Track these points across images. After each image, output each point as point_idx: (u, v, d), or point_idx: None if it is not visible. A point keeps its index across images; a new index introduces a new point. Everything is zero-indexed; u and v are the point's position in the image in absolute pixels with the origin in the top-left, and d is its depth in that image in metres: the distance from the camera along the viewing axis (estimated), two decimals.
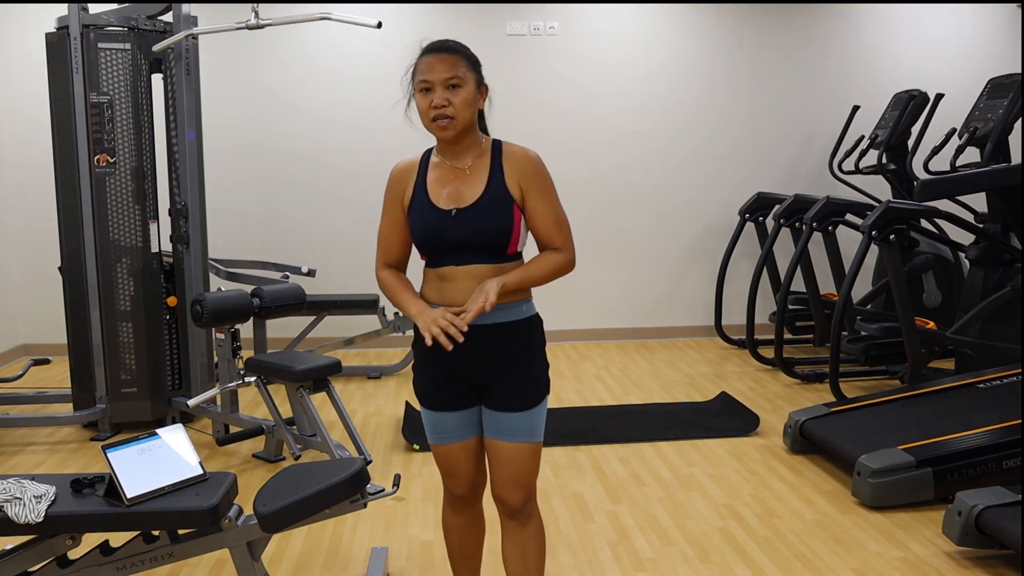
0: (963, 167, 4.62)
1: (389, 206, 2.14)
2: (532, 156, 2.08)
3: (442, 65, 1.97)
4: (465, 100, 1.98)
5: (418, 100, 2.02)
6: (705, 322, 6.53)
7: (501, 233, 2.02)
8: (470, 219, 2.01)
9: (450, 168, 2.07)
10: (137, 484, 2.21)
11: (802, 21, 6.38)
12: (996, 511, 2.75)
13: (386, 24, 5.91)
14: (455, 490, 2.25)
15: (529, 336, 2.11)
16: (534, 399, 2.10)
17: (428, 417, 2.18)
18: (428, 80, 1.98)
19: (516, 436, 2.10)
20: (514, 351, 2.08)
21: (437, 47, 2.01)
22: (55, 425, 4.31)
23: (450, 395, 2.13)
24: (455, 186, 2.04)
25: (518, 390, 2.09)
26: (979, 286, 4.50)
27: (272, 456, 3.91)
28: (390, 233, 2.16)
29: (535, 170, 2.06)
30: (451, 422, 2.15)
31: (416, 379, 2.20)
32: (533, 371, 2.11)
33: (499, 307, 2.03)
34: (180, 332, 4.41)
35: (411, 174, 2.10)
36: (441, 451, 2.20)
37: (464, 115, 1.99)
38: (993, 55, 6.51)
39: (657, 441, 4.14)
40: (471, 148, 2.07)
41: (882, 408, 3.89)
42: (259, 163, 6.10)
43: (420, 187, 2.07)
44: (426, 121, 2.02)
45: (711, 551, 2.98)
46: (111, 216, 4.19)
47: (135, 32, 4.18)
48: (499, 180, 2.04)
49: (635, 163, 6.37)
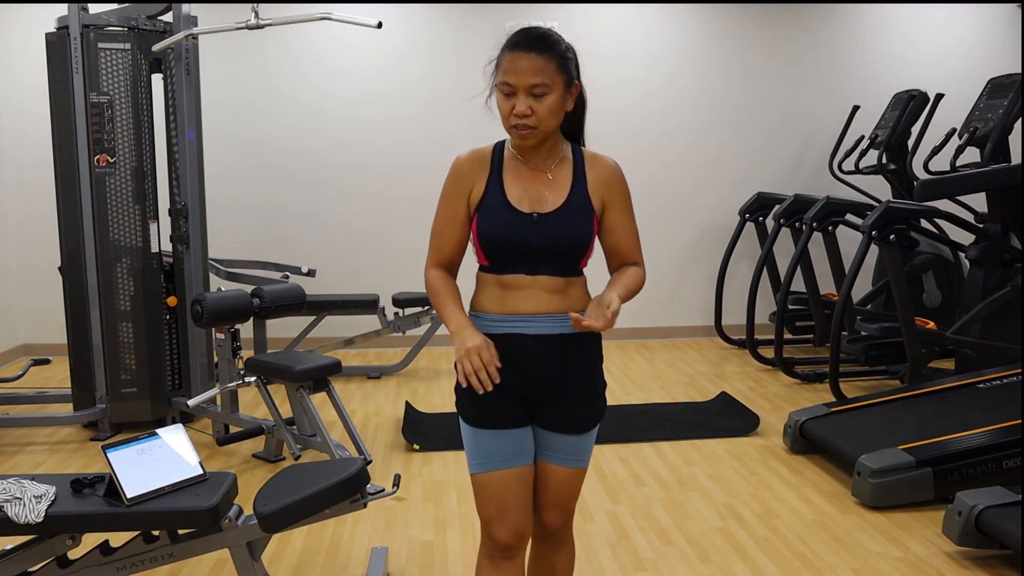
0: (963, 167, 4.62)
1: (450, 199, 1.91)
2: (617, 167, 1.96)
3: (529, 68, 1.77)
4: (550, 109, 1.81)
5: (499, 100, 1.84)
6: (705, 322, 6.53)
7: (581, 244, 1.86)
8: (552, 226, 1.85)
9: (528, 169, 1.90)
10: (137, 484, 2.21)
11: (802, 21, 6.38)
12: (996, 511, 2.75)
13: (386, 24, 5.91)
14: (500, 537, 1.93)
15: (593, 351, 1.95)
16: (591, 421, 1.96)
17: (474, 438, 1.92)
18: (511, 84, 1.79)
19: (569, 460, 1.95)
20: (578, 366, 1.92)
21: (527, 43, 1.80)
22: (55, 425, 4.31)
23: (503, 411, 1.90)
24: (536, 189, 1.88)
25: (580, 411, 1.93)
26: (979, 286, 4.50)
27: (272, 456, 3.91)
28: (447, 228, 1.92)
29: (619, 182, 1.94)
30: (503, 443, 1.90)
31: (463, 395, 1.93)
32: (593, 391, 1.95)
33: (562, 316, 1.88)
34: (180, 332, 4.41)
35: (482, 168, 1.90)
36: (489, 481, 1.91)
37: (548, 124, 1.83)
38: (993, 55, 6.51)
39: (657, 441, 4.14)
40: (552, 152, 1.92)
41: (882, 408, 3.89)
42: (259, 163, 6.10)
43: (495, 184, 1.88)
44: (506, 125, 1.85)
45: (711, 551, 2.98)
46: (111, 216, 4.19)
47: (135, 32, 4.18)
48: (582, 188, 1.90)
49: (634, 163, 6.36)
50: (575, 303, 1.90)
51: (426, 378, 5.43)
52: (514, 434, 1.91)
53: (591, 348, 1.95)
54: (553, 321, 1.88)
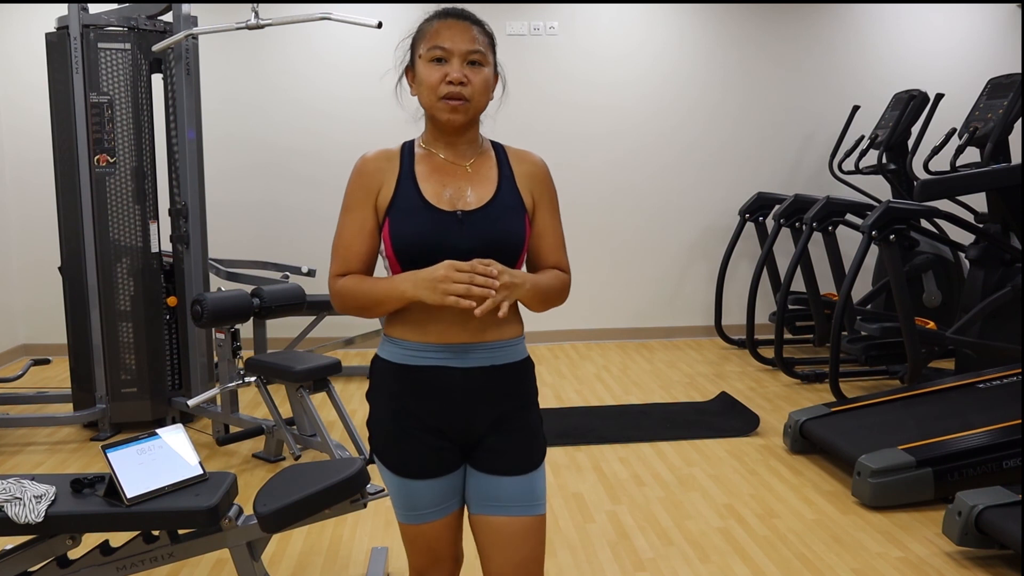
0: (963, 167, 4.62)
1: (354, 205, 1.67)
2: (543, 163, 1.77)
3: (466, 35, 1.63)
4: (486, 82, 1.65)
5: (423, 70, 1.64)
6: (705, 322, 6.53)
7: (515, 244, 1.65)
8: (480, 224, 1.62)
9: (446, 163, 1.69)
10: (137, 484, 2.21)
11: (802, 21, 6.38)
12: (996, 511, 2.75)
13: (386, 24, 5.91)
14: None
15: (527, 381, 1.73)
16: (538, 458, 1.71)
17: (397, 486, 1.69)
18: (446, 48, 1.62)
19: (519, 508, 1.67)
20: (513, 399, 1.69)
21: (458, 13, 1.66)
22: (55, 425, 4.31)
23: (432, 457, 1.66)
24: (456, 184, 1.66)
25: (518, 448, 1.68)
26: (979, 286, 4.50)
27: (272, 456, 3.91)
28: (354, 239, 1.66)
29: (547, 180, 1.76)
30: (433, 492, 1.67)
31: (380, 438, 1.70)
32: (533, 424, 1.72)
33: (495, 345, 1.66)
34: (180, 332, 4.41)
35: (390, 167, 1.68)
36: (420, 532, 1.71)
37: (480, 101, 1.65)
38: (993, 55, 6.51)
39: (657, 441, 4.14)
40: (472, 144, 1.71)
41: (882, 408, 3.89)
42: (259, 163, 6.10)
43: (406, 181, 1.65)
44: (431, 97, 1.64)
45: (711, 551, 2.98)
46: (111, 216, 4.19)
47: (135, 32, 4.18)
48: (511, 183, 1.70)
49: (635, 163, 6.37)
50: (507, 330, 1.67)
51: None
52: (443, 482, 1.68)
53: (526, 375, 1.73)
54: (484, 351, 1.64)
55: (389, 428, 1.68)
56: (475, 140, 1.73)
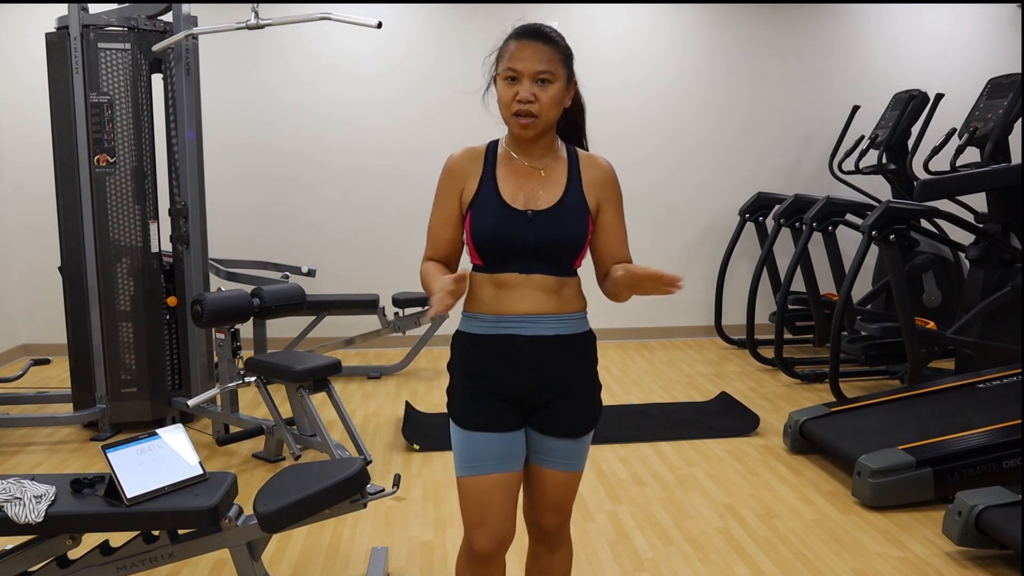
0: (963, 167, 4.62)
1: (443, 198, 1.90)
2: (612, 168, 1.95)
3: (536, 56, 1.79)
4: (553, 99, 1.80)
5: (500, 88, 1.82)
6: (705, 322, 6.53)
7: (576, 243, 1.84)
8: (547, 223, 1.82)
9: (522, 166, 1.87)
10: (137, 484, 2.21)
11: (802, 21, 6.38)
12: (996, 511, 2.75)
13: (386, 24, 5.91)
14: (480, 546, 1.89)
15: (589, 353, 1.93)
16: (587, 426, 1.92)
17: (463, 440, 1.88)
18: (517, 69, 1.79)
19: (565, 465, 1.92)
20: (575, 369, 1.89)
21: (533, 33, 1.83)
22: (55, 425, 4.31)
23: (495, 414, 1.86)
24: (530, 186, 1.85)
25: (576, 414, 1.90)
26: (979, 286, 4.50)
27: (272, 456, 3.90)
28: (441, 228, 1.91)
29: (614, 182, 1.93)
30: (492, 446, 1.85)
31: (453, 392, 1.93)
32: (590, 395, 1.93)
33: (560, 317, 1.86)
34: (180, 332, 4.41)
35: (475, 166, 1.88)
36: (474, 485, 1.87)
37: (549, 115, 1.81)
38: (993, 55, 6.51)
39: (657, 441, 4.14)
40: (548, 148, 1.89)
41: (882, 408, 3.89)
42: (259, 163, 6.10)
43: (488, 181, 1.86)
44: (506, 113, 1.83)
45: (711, 551, 2.98)
46: (111, 216, 4.19)
47: (135, 32, 4.18)
48: (577, 186, 1.87)
49: (635, 163, 6.37)
50: (569, 304, 1.88)
51: (426, 378, 5.43)
52: (506, 438, 1.86)
53: (587, 349, 1.92)
54: (548, 322, 1.85)
55: (462, 390, 1.89)
56: (551, 145, 1.91)
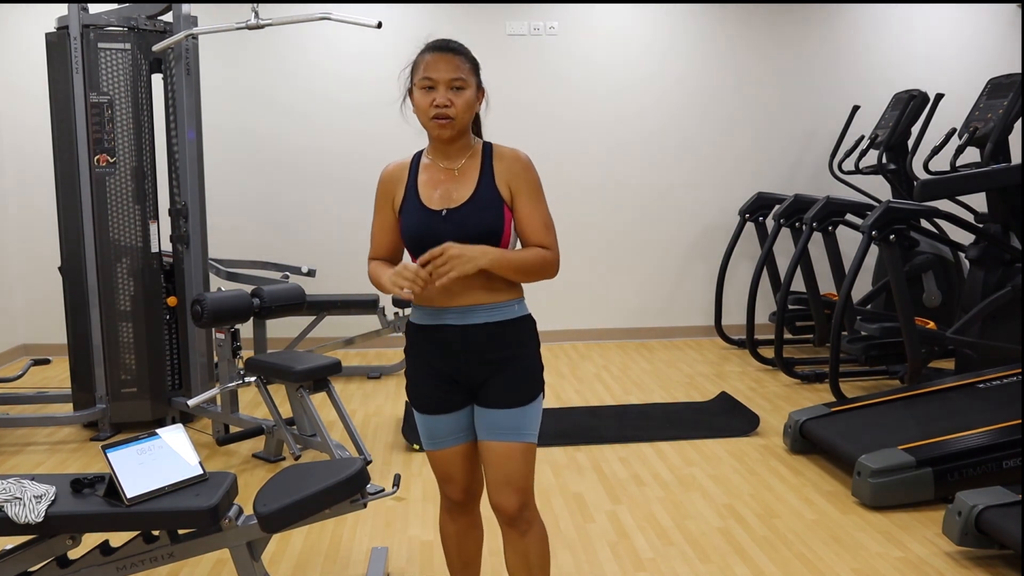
0: (963, 167, 4.62)
1: (380, 207, 2.15)
2: (522, 157, 2.09)
3: (447, 65, 1.98)
4: (467, 102, 2.00)
5: (417, 97, 2.02)
6: (705, 322, 6.53)
7: (491, 234, 2.01)
8: (460, 219, 2.01)
9: (441, 169, 2.07)
10: (137, 484, 2.21)
11: (802, 21, 6.38)
12: (996, 511, 2.75)
13: (386, 24, 5.91)
14: (451, 496, 2.23)
15: (521, 335, 2.10)
16: (527, 396, 2.08)
17: (422, 421, 2.17)
18: (432, 78, 1.98)
19: (507, 435, 2.07)
20: (506, 349, 2.07)
21: (443, 46, 2.01)
22: (55, 425, 4.31)
23: (443, 397, 2.11)
24: (445, 187, 2.05)
25: (512, 387, 2.07)
26: (979, 286, 4.50)
27: (272, 456, 3.91)
28: (380, 233, 2.17)
29: (525, 171, 2.06)
30: (445, 425, 2.13)
31: (409, 383, 2.19)
32: (526, 368, 2.09)
33: (490, 306, 2.05)
34: (180, 332, 4.41)
35: (402, 176, 2.11)
36: (436, 456, 2.18)
37: (464, 117, 2.01)
38: (993, 55, 6.51)
39: (657, 441, 4.14)
40: (463, 150, 2.08)
41: (882, 408, 3.89)
42: (259, 163, 6.10)
43: (411, 188, 2.08)
44: (424, 119, 2.02)
45: (711, 551, 2.98)
46: (111, 216, 4.19)
47: (135, 32, 4.18)
48: (489, 180, 2.04)
49: (635, 162, 6.37)
50: (499, 294, 2.06)
51: None
52: (453, 417, 2.12)
53: (520, 332, 2.10)
54: (477, 311, 2.04)
55: (413, 376, 2.16)
56: (466, 145, 2.09)
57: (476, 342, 2.05)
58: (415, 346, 2.15)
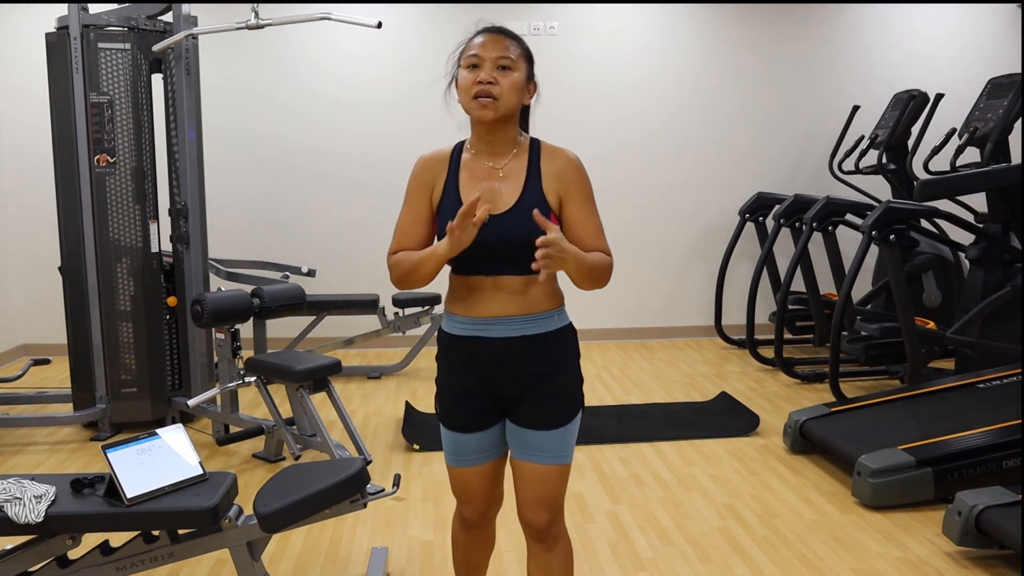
0: (963, 167, 4.62)
1: (412, 198, 1.95)
2: (573, 159, 1.93)
3: (496, 44, 1.85)
4: (514, 84, 1.84)
5: (462, 76, 1.87)
6: (705, 322, 6.53)
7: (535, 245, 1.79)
8: (504, 227, 1.85)
9: (484, 167, 1.91)
10: (137, 484, 2.21)
11: (802, 21, 6.38)
12: (996, 511, 2.75)
13: (386, 24, 5.91)
14: (467, 515, 2.12)
15: (563, 348, 1.96)
16: (567, 416, 1.94)
17: (448, 437, 2.04)
18: (479, 56, 1.85)
19: (545, 457, 1.94)
20: (547, 364, 1.92)
21: (494, 28, 1.90)
22: (55, 425, 4.31)
23: (474, 414, 1.97)
24: (489, 186, 1.88)
25: (550, 406, 1.92)
26: (979, 286, 4.50)
27: (272, 456, 3.91)
28: (410, 227, 1.95)
29: (577, 175, 1.92)
30: (471, 444, 2.00)
31: (440, 394, 2.03)
32: (567, 386, 1.95)
33: (531, 317, 1.90)
34: (180, 332, 4.41)
35: (441, 168, 1.93)
36: (457, 473, 2.06)
37: (508, 99, 1.84)
38: (993, 55, 6.51)
39: (657, 441, 4.14)
40: (509, 145, 1.92)
41: (882, 408, 3.89)
42: (260, 163, 6.10)
43: (451, 185, 1.91)
44: (466, 98, 1.86)
45: (711, 551, 2.98)
46: (111, 216, 4.19)
47: (135, 32, 4.18)
48: (536, 185, 1.89)
49: (635, 163, 6.37)
50: (537, 304, 1.91)
51: (426, 378, 5.43)
52: (482, 436, 1.99)
53: (560, 345, 1.95)
54: (515, 323, 1.90)
55: (443, 387, 2.01)
56: (512, 140, 1.93)
57: (515, 356, 1.90)
58: (447, 358, 2.00)
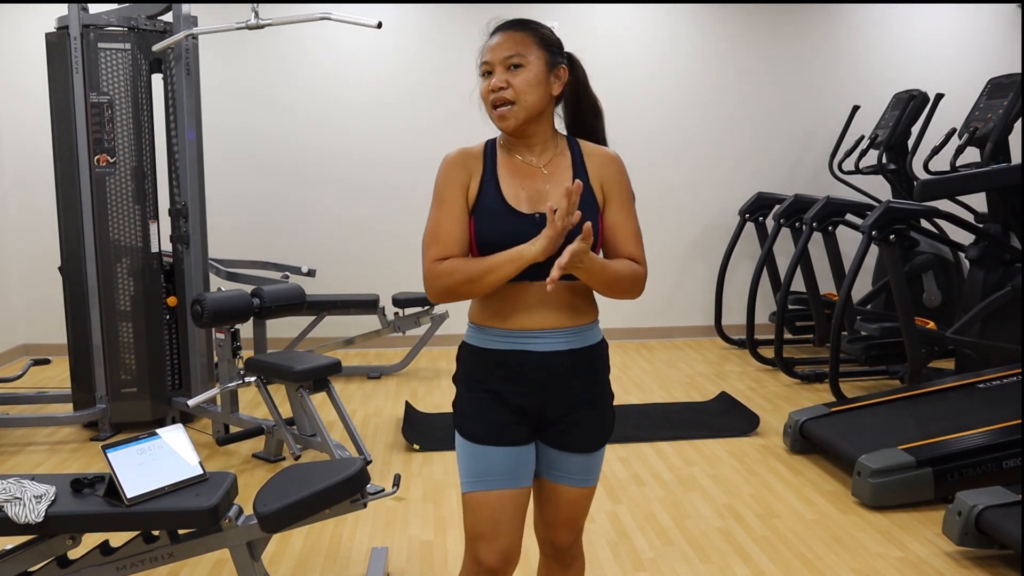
0: (963, 167, 4.62)
1: (448, 197, 1.73)
2: (616, 157, 1.82)
3: (504, 43, 1.71)
4: (527, 81, 1.70)
5: (481, 87, 1.75)
6: (705, 322, 6.53)
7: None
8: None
9: (523, 164, 1.76)
10: (137, 484, 2.21)
11: (802, 21, 6.38)
12: (996, 511, 2.75)
13: (386, 24, 5.91)
14: (487, 559, 1.77)
15: (603, 365, 1.84)
16: (603, 439, 1.84)
17: (470, 453, 1.77)
18: (488, 61, 1.72)
19: (577, 480, 1.83)
20: (590, 382, 1.80)
21: (504, 25, 1.76)
22: (55, 425, 4.31)
23: (503, 426, 1.75)
24: (534, 186, 1.73)
25: (590, 429, 1.80)
26: (979, 286, 4.50)
27: (272, 456, 3.90)
28: (452, 227, 1.72)
29: (619, 173, 1.79)
30: (498, 461, 1.74)
31: (459, 405, 1.81)
32: (606, 409, 1.84)
33: (574, 330, 1.76)
34: (180, 332, 4.41)
35: (475, 166, 1.76)
36: (477, 501, 1.76)
37: (527, 99, 1.70)
38: (993, 55, 6.51)
39: (657, 441, 4.14)
40: (547, 143, 1.79)
41: (882, 408, 3.89)
42: (260, 163, 6.10)
43: (490, 182, 1.74)
44: (488, 110, 1.74)
45: (711, 551, 2.98)
46: (111, 216, 4.19)
47: (135, 32, 4.18)
48: (584, 181, 1.75)
49: (635, 163, 6.32)
50: (582, 315, 1.77)
51: (426, 378, 5.43)
52: (514, 451, 1.75)
53: (599, 360, 1.83)
54: (560, 336, 1.74)
55: (470, 403, 1.78)
56: (548, 139, 1.80)
57: (558, 371, 1.75)
58: (473, 373, 1.79)
